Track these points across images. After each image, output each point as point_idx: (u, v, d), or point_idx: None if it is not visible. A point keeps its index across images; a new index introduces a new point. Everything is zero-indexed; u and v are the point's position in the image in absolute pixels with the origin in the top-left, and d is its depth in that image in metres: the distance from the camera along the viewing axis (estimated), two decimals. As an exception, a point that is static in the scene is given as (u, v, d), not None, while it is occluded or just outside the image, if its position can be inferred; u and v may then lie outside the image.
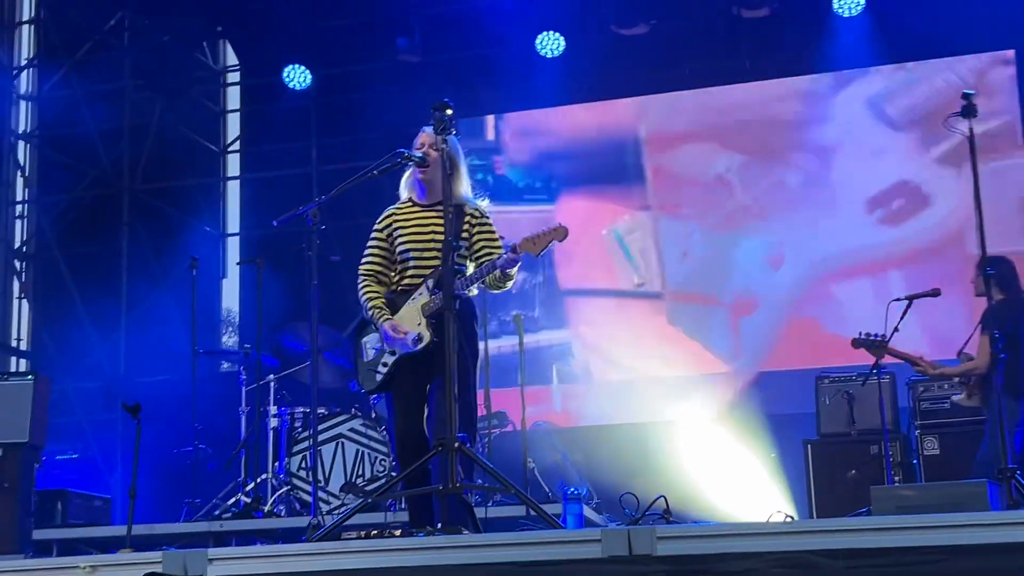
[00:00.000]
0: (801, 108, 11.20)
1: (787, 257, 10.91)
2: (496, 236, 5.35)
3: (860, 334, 7.75)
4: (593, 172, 11.53)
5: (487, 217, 5.35)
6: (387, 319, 5.23)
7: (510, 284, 5.21)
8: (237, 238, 13.19)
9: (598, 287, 11.36)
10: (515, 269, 5.10)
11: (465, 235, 5.23)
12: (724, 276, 11.02)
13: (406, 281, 5.30)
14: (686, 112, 11.45)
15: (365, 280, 5.41)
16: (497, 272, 5.06)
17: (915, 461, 8.12)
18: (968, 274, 7.90)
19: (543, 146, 11.77)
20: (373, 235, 5.46)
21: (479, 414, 6.65)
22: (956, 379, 7.64)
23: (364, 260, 5.45)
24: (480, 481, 5.80)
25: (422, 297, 5.17)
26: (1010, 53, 10.73)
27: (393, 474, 7.69)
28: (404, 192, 5.51)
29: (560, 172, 11.68)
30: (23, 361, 12.43)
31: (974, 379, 7.42)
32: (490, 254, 5.22)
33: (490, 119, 12.04)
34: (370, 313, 5.32)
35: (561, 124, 11.78)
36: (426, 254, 5.25)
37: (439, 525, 4.72)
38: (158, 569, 3.60)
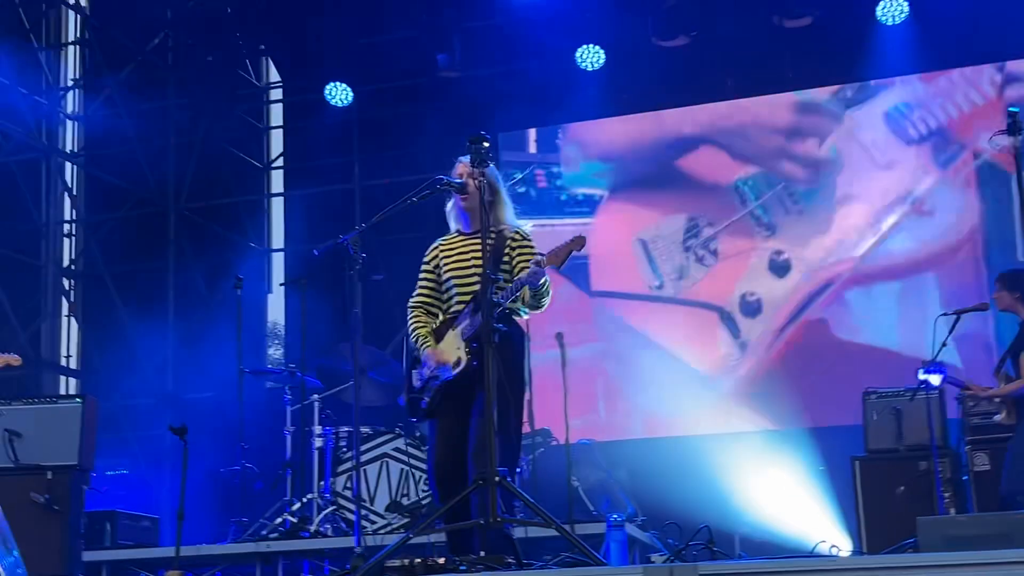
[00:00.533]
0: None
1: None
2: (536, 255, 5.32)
3: (923, 363, 7.61)
4: (634, 182, 11.53)
5: (528, 239, 5.32)
6: (430, 346, 5.25)
7: (546, 301, 5.18)
8: (282, 254, 13.27)
9: (638, 292, 11.34)
10: (546, 286, 5.07)
11: (506, 259, 5.22)
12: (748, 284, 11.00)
13: (452, 310, 5.31)
14: (716, 122, 11.43)
15: (413, 312, 5.45)
16: (528, 290, 5.05)
17: (965, 477, 8.00)
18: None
19: (586, 157, 11.75)
20: (422, 268, 5.51)
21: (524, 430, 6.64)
22: (997, 400, 7.53)
23: (414, 294, 5.50)
24: (519, 515, 5.75)
25: (462, 322, 5.17)
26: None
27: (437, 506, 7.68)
28: (451, 223, 5.52)
29: (603, 183, 11.67)
30: (72, 380, 12.56)
31: (1011, 398, 7.33)
32: None
33: (531, 132, 12.03)
34: (414, 342, 5.34)
35: (603, 135, 11.77)
36: (466, 280, 5.25)
37: (481, 554, 4.72)
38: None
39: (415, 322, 5.40)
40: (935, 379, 7.44)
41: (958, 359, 9.60)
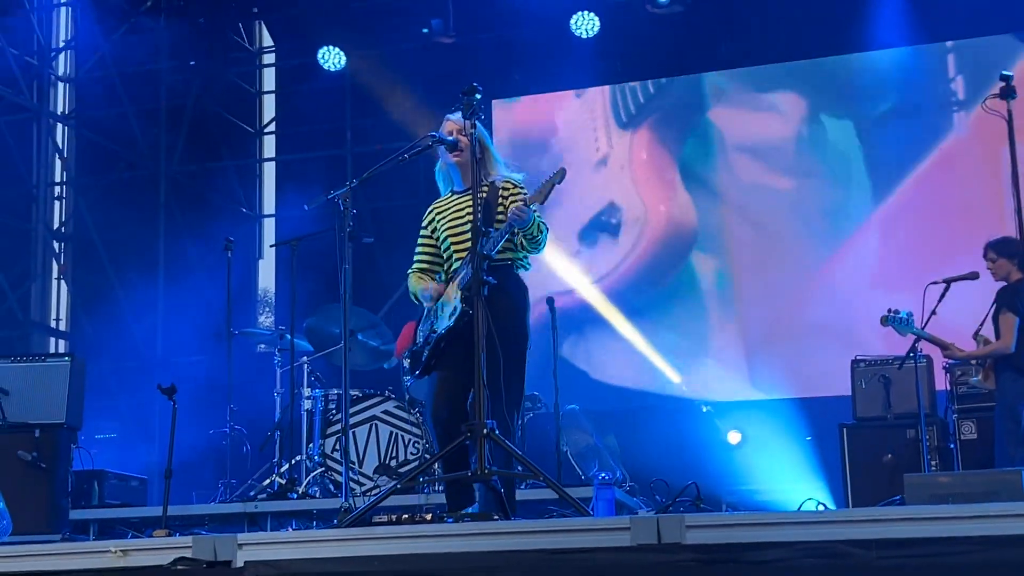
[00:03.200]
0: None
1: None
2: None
3: (889, 312, 7.62)
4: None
5: (520, 187, 5.27)
6: (429, 286, 5.28)
7: (544, 239, 5.15)
8: (273, 219, 13.24)
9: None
10: (536, 223, 5.04)
11: (501, 209, 5.18)
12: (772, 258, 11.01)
13: (453, 269, 5.28)
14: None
15: (411, 276, 5.44)
16: (521, 232, 5.04)
17: (952, 445, 8.03)
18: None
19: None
20: (420, 233, 5.48)
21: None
22: (974, 361, 7.57)
23: (414, 260, 5.48)
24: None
25: (460, 273, 5.15)
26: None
27: (426, 456, 7.70)
28: (442, 186, 5.49)
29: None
30: (61, 341, 12.55)
31: (989, 361, 7.36)
32: None
33: (524, 99, 12.02)
34: (413, 287, 5.36)
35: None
36: (462, 237, 5.21)
37: (476, 509, 4.73)
38: (188, 554, 3.61)
39: (414, 278, 5.40)
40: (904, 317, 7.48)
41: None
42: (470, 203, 5.14)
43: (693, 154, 11.43)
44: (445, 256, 5.35)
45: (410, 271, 5.46)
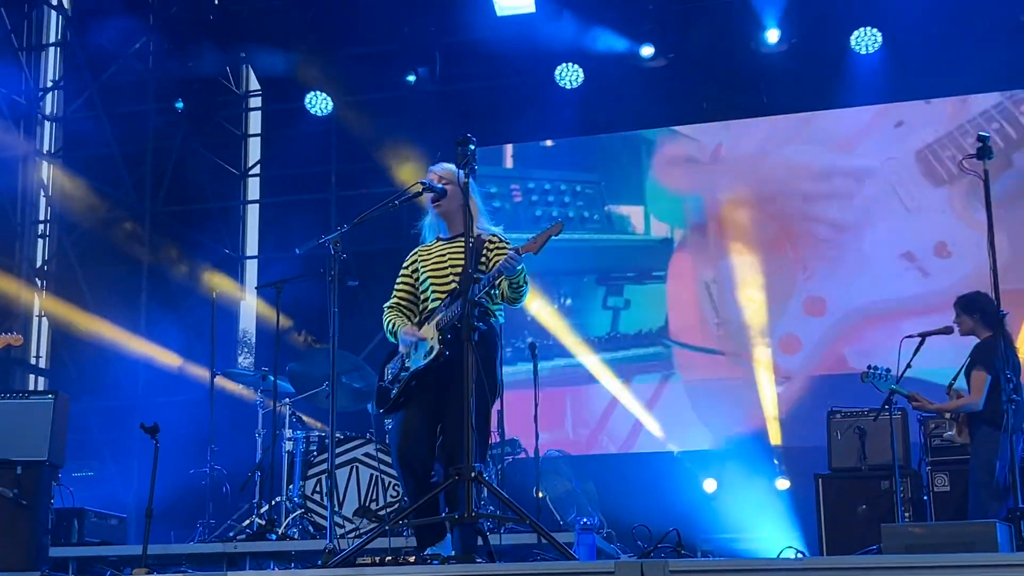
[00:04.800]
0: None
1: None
2: None
3: (868, 368, 7.73)
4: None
5: (505, 242, 5.38)
6: (408, 325, 5.34)
7: (525, 291, 5.25)
8: (255, 261, 13.28)
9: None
10: (523, 275, 5.14)
11: (484, 260, 5.28)
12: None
13: (429, 308, 5.36)
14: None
15: (388, 312, 5.52)
16: (505, 281, 5.12)
17: (925, 497, 8.07)
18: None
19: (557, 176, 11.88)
20: (400, 273, 5.57)
21: (493, 441, 6.69)
22: (948, 415, 7.65)
23: (391, 297, 5.56)
24: (492, 509, 5.83)
25: (437, 315, 5.23)
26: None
27: (406, 500, 7.72)
28: (428, 233, 5.59)
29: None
30: (41, 379, 12.50)
31: (963, 416, 7.44)
32: None
33: (508, 148, 12.14)
34: (390, 326, 5.42)
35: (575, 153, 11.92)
36: (444, 280, 5.32)
37: (453, 553, 4.78)
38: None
39: (390, 316, 5.48)
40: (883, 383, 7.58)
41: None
42: (454, 251, 5.26)
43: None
44: (422, 297, 5.44)
45: (387, 305, 5.54)
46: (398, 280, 5.58)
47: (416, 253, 5.56)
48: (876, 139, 11.12)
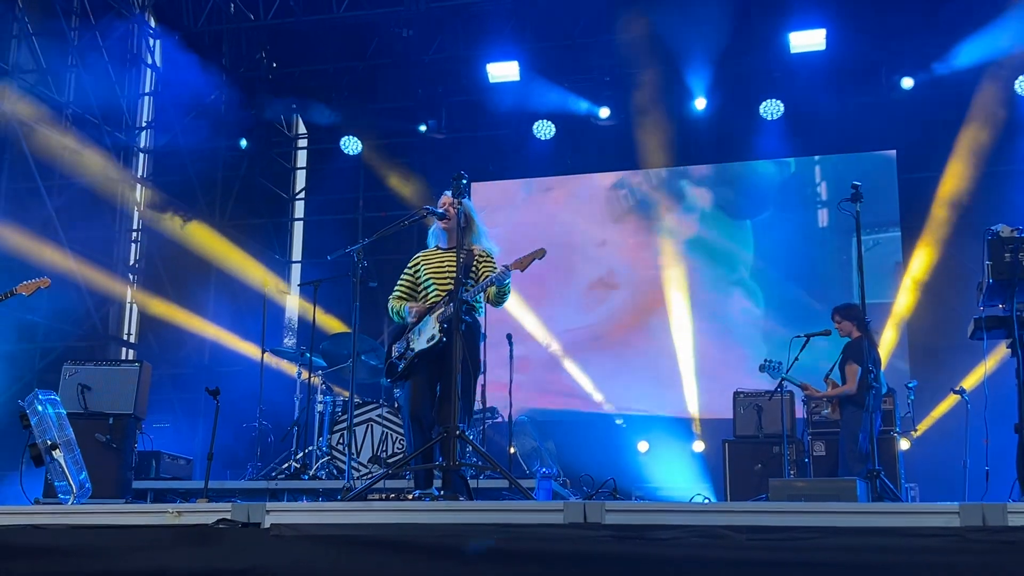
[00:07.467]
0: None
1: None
2: (497, 269, 5.38)
3: (765, 361, 7.75)
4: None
5: (491, 258, 5.38)
6: (413, 306, 5.33)
7: (506, 299, 5.26)
8: (299, 264, 13.25)
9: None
10: (508, 286, 5.14)
11: (473, 270, 5.28)
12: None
13: (430, 301, 5.35)
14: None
15: (393, 300, 5.51)
16: (494, 288, 5.12)
17: (807, 460, 8.11)
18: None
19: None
20: (404, 272, 5.55)
21: (477, 408, 6.65)
22: (825, 399, 7.68)
23: (394, 290, 5.53)
24: (474, 460, 5.81)
25: (438, 309, 5.22)
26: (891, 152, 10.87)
27: (409, 451, 7.69)
28: (432, 241, 5.57)
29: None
30: (131, 351, 12.44)
31: (836, 399, 7.48)
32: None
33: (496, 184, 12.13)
34: (396, 307, 5.41)
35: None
36: (443, 281, 5.31)
37: (441, 492, 4.76)
38: (227, 516, 3.62)
39: (395, 302, 5.47)
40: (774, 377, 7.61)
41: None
42: (450, 259, 5.26)
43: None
44: (421, 291, 5.43)
45: (392, 296, 5.54)
46: (402, 276, 5.56)
47: (419, 258, 5.54)
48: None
